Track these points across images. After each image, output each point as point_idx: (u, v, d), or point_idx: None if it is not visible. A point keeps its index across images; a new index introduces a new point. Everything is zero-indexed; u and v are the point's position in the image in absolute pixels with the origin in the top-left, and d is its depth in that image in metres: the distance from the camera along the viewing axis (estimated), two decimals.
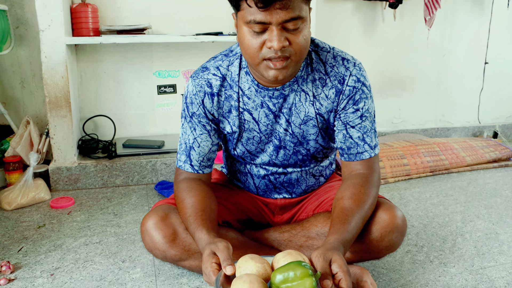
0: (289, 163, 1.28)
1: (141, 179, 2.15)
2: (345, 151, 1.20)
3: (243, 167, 1.33)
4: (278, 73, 1.03)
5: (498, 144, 2.57)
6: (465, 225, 1.68)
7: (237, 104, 1.19)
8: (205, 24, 2.35)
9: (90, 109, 2.32)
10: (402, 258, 1.42)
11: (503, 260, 1.41)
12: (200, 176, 1.23)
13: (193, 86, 1.19)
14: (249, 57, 1.04)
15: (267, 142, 1.24)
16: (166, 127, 2.46)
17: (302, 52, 1.03)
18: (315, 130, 1.21)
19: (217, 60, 1.20)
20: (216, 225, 1.12)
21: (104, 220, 1.72)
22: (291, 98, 1.17)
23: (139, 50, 2.33)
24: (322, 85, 1.17)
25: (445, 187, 2.13)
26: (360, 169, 1.19)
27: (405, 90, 2.96)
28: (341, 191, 1.14)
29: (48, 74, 1.98)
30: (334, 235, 1.01)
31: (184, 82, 2.43)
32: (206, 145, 1.22)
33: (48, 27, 1.93)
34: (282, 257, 0.96)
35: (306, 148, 1.24)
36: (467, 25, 2.98)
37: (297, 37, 1.00)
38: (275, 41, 0.97)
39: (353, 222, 1.05)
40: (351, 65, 1.16)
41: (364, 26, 2.76)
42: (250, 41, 1.01)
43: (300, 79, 1.16)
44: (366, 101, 1.17)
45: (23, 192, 1.84)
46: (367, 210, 1.10)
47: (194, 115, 1.20)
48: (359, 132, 1.18)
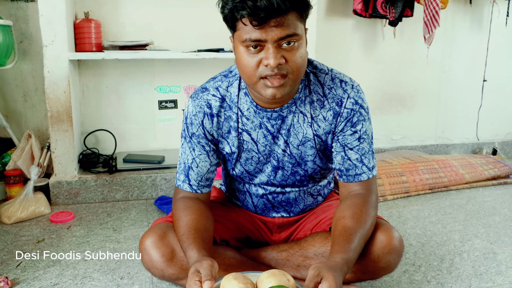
0: (287, 183, 1.29)
1: (141, 194, 2.15)
2: (344, 172, 1.21)
3: (242, 186, 1.34)
4: (275, 92, 1.04)
5: (497, 162, 2.58)
6: (463, 244, 1.68)
7: (236, 124, 1.20)
8: (207, 40, 2.38)
9: (92, 123, 2.34)
10: (400, 278, 1.42)
11: (501, 281, 1.41)
12: (198, 196, 1.24)
13: (193, 107, 1.21)
14: (246, 77, 1.06)
15: (266, 163, 1.25)
16: (166, 142, 2.47)
17: (299, 70, 1.05)
18: (313, 151, 1.22)
19: (217, 81, 1.22)
20: (209, 244, 1.12)
21: (103, 235, 1.73)
22: (289, 120, 1.18)
23: (141, 65, 2.35)
24: (320, 107, 1.18)
25: (443, 205, 2.13)
26: (359, 190, 1.20)
27: (405, 106, 2.97)
28: (341, 210, 1.15)
29: (50, 88, 2.00)
30: (339, 253, 1.01)
31: (185, 98, 2.45)
32: (204, 166, 1.23)
33: (52, 42, 1.96)
34: (265, 277, 0.97)
35: (304, 169, 1.25)
36: (466, 43, 3.01)
37: (293, 55, 1.02)
38: (271, 59, 0.99)
39: (356, 241, 1.06)
40: (349, 88, 1.17)
41: (364, 43, 2.78)
42: (247, 60, 1.03)
43: (298, 100, 1.17)
44: (364, 123, 1.18)
45: (23, 206, 1.85)
46: (368, 230, 1.11)
47: (193, 135, 1.21)
48: (357, 154, 1.19)
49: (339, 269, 0.97)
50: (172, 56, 2.18)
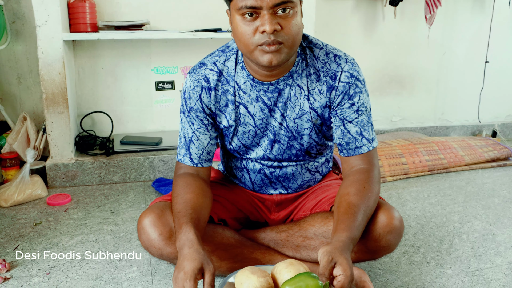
0: (283, 157, 1.28)
1: (139, 176, 2.14)
2: (344, 146, 1.21)
3: (239, 162, 1.34)
4: (272, 57, 1.05)
5: (497, 144, 2.57)
6: (462, 225, 1.67)
7: (233, 98, 1.21)
8: (204, 20, 2.33)
9: (88, 105, 2.31)
10: (399, 259, 1.41)
11: (500, 261, 1.41)
12: (199, 171, 1.24)
13: (191, 82, 1.21)
14: (243, 46, 1.07)
15: (262, 136, 1.25)
16: (164, 124, 2.45)
17: (294, 38, 1.06)
18: (309, 125, 1.22)
19: (214, 56, 1.22)
20: (204, 224, 1.12)
21: (101, 217, 1.72)
22: (285, 93, 1.19)
23: (137, 46, 2.31)
24: (316, 80, 1.18)
25: (443, 186, 2.12)
26: (361, 164, 1.20)
27: (404, 88, 2.95)
28: (345, 187, 1.15)
29: (45, 70, 1.96)
30: (344, 232, 1.02)
31: (182, 79, 2.41)
32: (204, 138, 1.23)
33: (45, 22, 1.91)
34: (284, 267, 0.95)
35: (300, 143, 1.25)
36: (468, 24, 2.96)
37: (288, 23, 1.03)
38: (267, 25, 1.00)
39: (360, 218, 1.06)
40: (343, 62, 1.17)
41: (364, 23, 2.74)
42: (243, 28, 1.04)
43: (295, 73, 1.18)
44: (361, 95, 1.18)
45: (20, 189, 1.83)
46: (371, 207, 1.12)
47: (192, 109, 1.21)
48: (356, 127, 1.19)
49: (347, 249, 0.98)
50: (168, 36, 2.15)
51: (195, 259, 0.96)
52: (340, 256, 0.94)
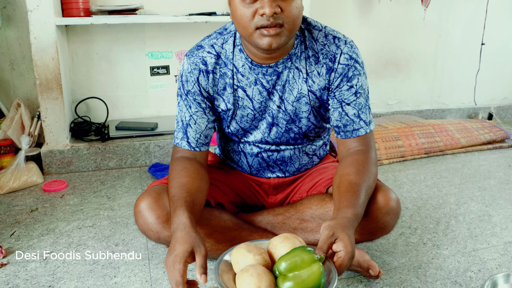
0: (281, 141, 1.28)
1: (135, 161, 2.13)
2: (341, 128, 1.20)
3: (237, 146, 1.33)
4: (271, 40, 1.04)
5: (493, 126, 2.57)
6: (458, 207, 1.68)
7: (231, 81, 1.19)
8: (198, 3, 2.30)
9: (82, 91, 2.29)
10: (396, 241, 1.42)
11: (495, 242, 1.42)
12: (196, 155, 1.22)
13: (188, 65, 1.19)
14: (242, 28, 1.05)
15: (261, 119, 1.24)
16: (159, 109, 2.43)
17: (295, 20, 1.05)
18: (307, 108, 1.21)
19: (212, 39, 1.20)
20: (200, 208, 1.11)
21: (97, 203, 1.71)
22: (284, 75, 1.18)
23: (131, 30, 2.28)
24: (315, 62, 1.17)
25: (439, 169, 2.13)
26: (357, 146, 1.19)
27: (400, 71, 2.93)
28: (344, 167, 1.14)
29: (38, 55, 1.94)
30: (349, 208, 1.01)
31: (177, 63, 2.39)
32: (202, 122, 1.22)
33: (37, 7, 1.88)
34: (279, 242, 0.95)
35: (298, 126, 1.24)
36: (464, 6, 2.93)
37: (288, 5, 1.02)
38: (267, 7, 0.99)
39: (362, 197, 1.06)
40: (342, 43, 1.16)
41: (359, 6, 2.71)
42: (242, 10, 1.03)
43: (294, 56, 1.16)
44: (360, 78, 1.17)
45: (15, 176, 1.82)
46: (372, 187, 1.12)
47: (189, 93, 1.20)
48: (354, 109, 1.18)
49: (351, 225, 0.97)
50: (162, 20, 2.12)
51: (186, 242, 0.94)
52: (342, 232, 0.93)
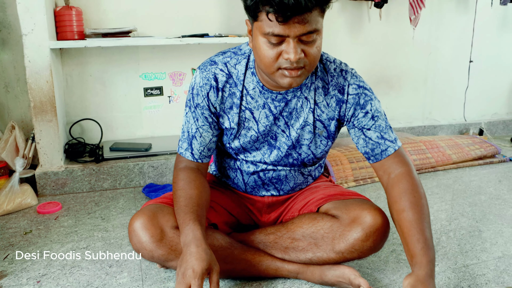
0: (280, 163, 1.31)
1: (129, 182, 2.14)
2: (370, 153, 1.23)
3: (233, 163, 1.35)
4: (292, 81, 1.08)
5: (483, 142, 2.60)
6: (449, 223, 1.70)
7: (239, 102, 1.23)
8: (191, 25, 2.35)
9: (77, 112, 2.31)
10: (387, 258, 1.43)
11: (485, 257, 1.43)
12: (199, 166, 1.27)
13: (200, 78, 1.22)
14: (264, 66, 1.08)
15: (263, 142, 1.28)
16: (153, 130, 2.46)
17: (315, 62, 1.09)
18: (310, 136, 1.26)
19: (226, 57, 1.24)
20: (205, 222, 1.18)
21: (91, 224, 1.72)
22: (292, 103, 1.22)
23: (125, 52, 2.32)
24: (325, 94, 1.22)
25: (431, 185, 2.15)
26: (397, 169, 1.19)
27: (392, 88, 2.98)
28: (395, 201, 1.14)
29: (32, 78, 1.96)
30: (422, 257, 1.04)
31: (170, 84, 2.42)
32: (207, 136, 1.26)
33: (31, 31, 1.92)
34: None
35: (298, 152, 1.28)
36: (452, 24, 3.01)
37: (311, 49, 1.05)
38: (292, 53, 1.02)
39: (428, 234, 1.08)
40: (349, 76, 1.22)
41: (350, 25, 2.77)
42: (267, 51, 1.05)
43: (304, 86, 1.21)
44: (372, 102, 1.21)
45: (9, 198, 1.83)
46: (428, 214, 1.13)
47: (198, 106, 1.23)
48: (376, 132, 1.21)
49: (430, 277, 1.02)
50: (156, 42, 2.15)
51: (204, 259, 1.03)
52: None
